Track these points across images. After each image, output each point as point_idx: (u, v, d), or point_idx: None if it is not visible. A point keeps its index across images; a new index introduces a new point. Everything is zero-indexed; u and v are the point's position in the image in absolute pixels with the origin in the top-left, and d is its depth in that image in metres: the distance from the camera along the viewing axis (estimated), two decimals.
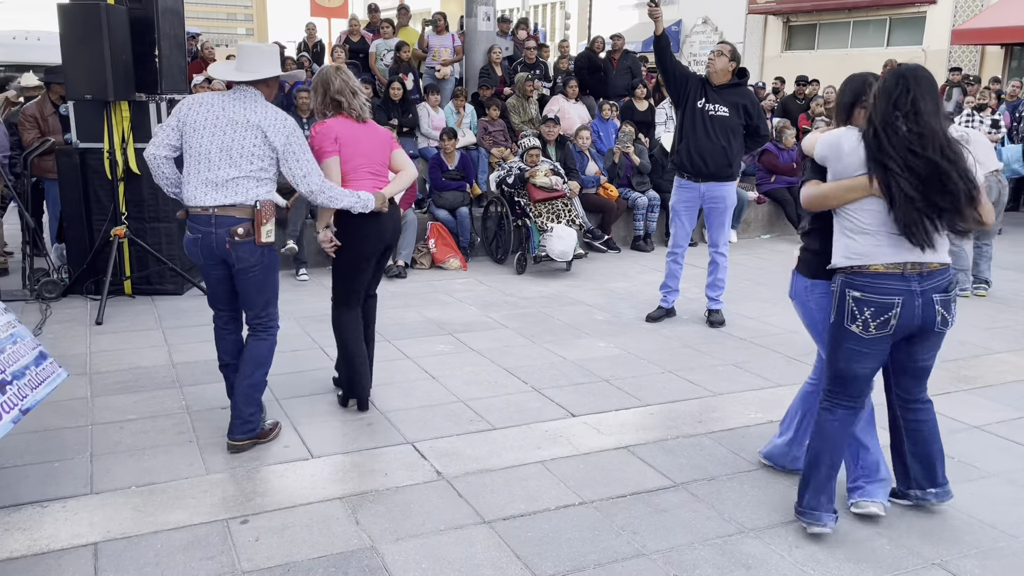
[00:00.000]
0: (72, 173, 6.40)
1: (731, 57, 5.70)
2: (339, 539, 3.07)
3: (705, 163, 5.74)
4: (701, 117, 5.70)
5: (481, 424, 4.15)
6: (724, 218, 5.93)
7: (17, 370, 3.13)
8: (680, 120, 5.88)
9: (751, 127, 5.80)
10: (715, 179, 5.78)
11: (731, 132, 5.71)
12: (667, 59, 5.77)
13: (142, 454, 3.75)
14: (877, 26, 20.85)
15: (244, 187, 3.66)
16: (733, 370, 5.03)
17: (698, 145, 5.72)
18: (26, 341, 3.30)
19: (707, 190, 5.83)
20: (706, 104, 5.70)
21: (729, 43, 5.91)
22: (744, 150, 6.00)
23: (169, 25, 6.33)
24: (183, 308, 6.21)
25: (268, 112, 3.69)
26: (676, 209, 6.03)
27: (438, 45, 10.80)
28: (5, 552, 2.93)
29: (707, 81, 5.75)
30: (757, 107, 5.85)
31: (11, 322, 3.30)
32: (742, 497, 3.43)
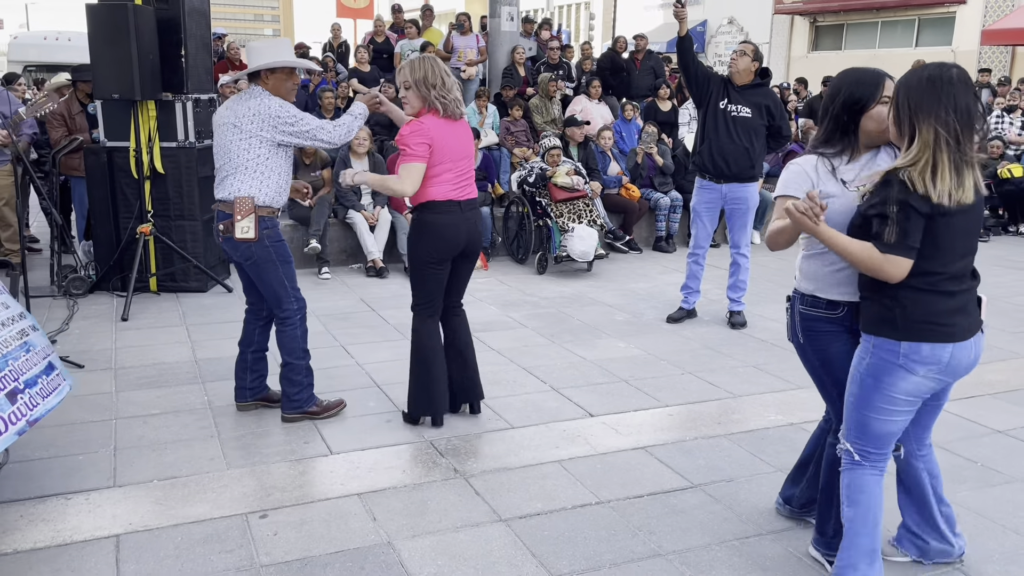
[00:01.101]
0: (99, 171, 6.49)
1: (753, 57, 5.67)
2: (356, 535, 3.09)
3: (727, 164, 5.71)
4: (723, 118, 5.67)
5: (499, 423, 4.16)
6: (746, 219, 5.90)
7: (30, 378, 3.13)
8: (702, 121, 5.85)
9: (773, 127, 5.77)
10: (737, 180, 5.75)
11: (754, 133, 5.68)
12: (690, 60, 5.75)
13: (164, 448, 3.80)
14: (906, 26, 20.63)
15: (228, 183, 3.87)
16: (753, 372, 5.00)
17: (720, 146, 5.69)
18: (37, 350, 3.28)
19: (729, 191, 5.80)
20: (728, 105, 5.67)
21: (751, 43, 5.88)
22: (766, 150, 5.96)
23: (195, 25, 6.41)
24: (207, 305, 6.28)
25: (240, 107, 3.81)
26: (697, 210, 6.00)
27: (463, 46, 10.84)
28: (29, 543, 2.98)
29: (729, 81, 5.72)
30: (780, 107, 5.82)
31: (25, 330, 3.30)
32: (760, 499, 3.40)
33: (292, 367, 4.06)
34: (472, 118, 9.22)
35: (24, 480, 3.45)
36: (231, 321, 5.86)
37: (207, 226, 6.67)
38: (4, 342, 3.09)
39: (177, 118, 6.40)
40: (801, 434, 4.05)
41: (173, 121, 6.41)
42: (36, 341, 3.33)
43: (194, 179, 6.49)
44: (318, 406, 4.15)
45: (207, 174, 6.67)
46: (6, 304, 3.30)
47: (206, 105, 6.67)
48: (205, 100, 6.65)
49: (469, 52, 10.78)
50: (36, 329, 3.41)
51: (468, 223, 3.96)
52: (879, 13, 20.74)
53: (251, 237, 3.81)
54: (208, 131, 6.74)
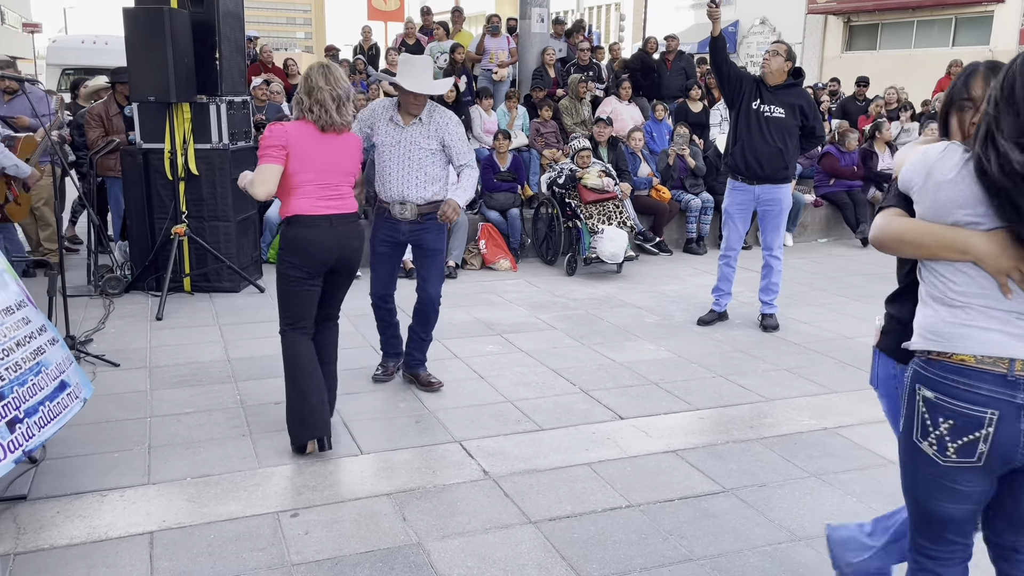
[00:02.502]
0: (135, 172, 6.59)
1: (786, 57, 5.62)
2: (386, 535, 3.10)
3: (760, 166, 5.66)
4: (756, 119, 5.62)
5: (528, 424, 4.15)
6: (779, 221, 5.84)
7: (32, 406, 3.09)
8: (734, 122, 5.80)
9: (807, 128, 5.71)
10: (771, 181, 5.69)
11: (787, 133, 5.62)
12: (722, 60, 5.72)
13: (198, 446, 3.84)
14: (942, 26, 20.30)
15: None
16: (786, 375, 4.94)
17: (753, 147, 5.64)
18: (49, 370, 3.26)
19: (762, 192, 5.74)
20: (761, 105, 5.62)
21: (784, 43, 5.82)
22: (800, 151, 5.89)
23: (229, 28, 6.48)
24: (239, 305, 6.34)
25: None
26: (729, 212, 5.96)
27: (494, 48, 10.85)
28: (65, 539, 3.03)
29: (762, 82, 5.67)
30: (813, 108, 5.75)
31: (42, 346, 3.27)
32: (793, 504, 3.36)
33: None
34: (502, 119, 9.23)
35: (60, 476, 3.50)
36: (263, 321, 5.92)
37: (240, 227, 6.75)
38: (14, 366, 3.06)
39: (211, 120, 6.48)
40: (836, 439, 4.01)
41: (207, 123, 6.48)
42: (51, 358, 3.30)
43: (227, 180, 6.56)
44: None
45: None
46: (27, 319, 3.26)
47: (239, 107, 6.74)
48: (239, 102, 6.72)
49: (500, 54, 10.78)
50: (55, 342, 3.39)
51: (340, 238, 3.76)
52: (915, 12, 20.44)
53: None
54: (242, 133, 6.82)
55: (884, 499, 3.41)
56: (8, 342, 3.09)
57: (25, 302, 3.33)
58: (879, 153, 9.71)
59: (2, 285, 3.23)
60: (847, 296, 6.85)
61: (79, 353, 4.97)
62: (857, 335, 5.78)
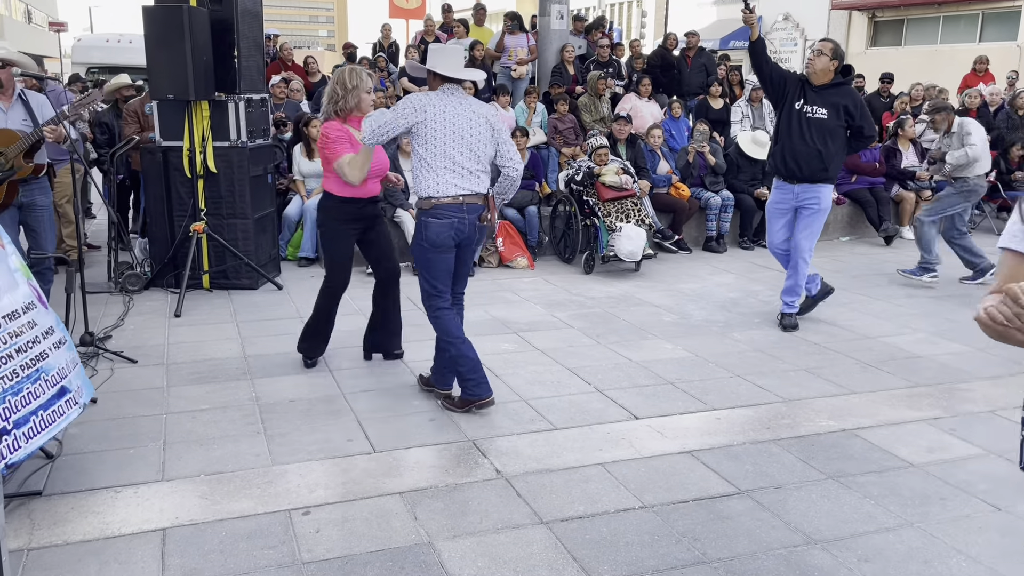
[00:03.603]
0: (155, 170, 6.63)
1: (832, 56, 5.50)
2: (397, 534, 3.09)
3: (799, 166, 5.60)
4: (797, 119, 5.55)
5: (542, 424, 4.12)
6: (812, 221, 5.73)
7: (21, 417, 3.03)
8: (776, 121, 5.77)
9: (854, 127, 5.59)
10: (809, 181, 5.62)
11: (828, 134, 5.52)
12: (763, 62, 5.65)
13: (212, 443, 3.85)
14: (968, 21, 20.00)
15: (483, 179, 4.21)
16: (805, 375, 4.87)
17: (792, 148, 5.58)
18: (49, 376, 3.22)
19: (800, 191, 5.68)
20: (804, 105, 5.54)
21: (830, 40, 5.69)
22: (847, 151, 5.78)
23: (248, 26, 6.50)
24: (257, 302, 6.37)
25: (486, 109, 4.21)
26: (771, 212, 5.93)
27: (514, 44, 10.82)
28: (79, 535, 3.05)
29: (807, 81, 5.58)
30: (860, 107, 5.61)
31: (45, 351, 3.23)
32: (810, 507, 3.31)
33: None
34: (520, 116, 9.20)
35: (76, 472, 3.53)
36: (280, 318, 5.94)
37: (258, 224, 6.77)
38: (11, 374, 3.03)
39: (230, 118, 6.51)
40: (854, 441, 3.95)
41: (226, 121, 6.51)
42: (54, 363, 3.27)
43: (246, 178, 6.59)
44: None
45: (257, 173, 6.78)
46: (33, 322, 3.23)
47: (258, 105, 6.77)
48: (257, 100, 6.74)
49: (519, 51, 10.75)
50: (61, 344, 3.37)
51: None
52: (940, 7, 20.14)
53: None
54: (260, 131, 6.84)
55: (903, 502, 3.36)
56: (8, 349, 3.05)
57: (34, 303, 3.31)
58: (902, 150, 9.58)
59: (12, 286, 3.22)
60: (869, 296, 6.76)
61: (97, 349, 5.01)
62: (879, 335, 5.69)
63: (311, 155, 7.93)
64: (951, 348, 5.41)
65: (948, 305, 6.54)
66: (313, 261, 7.70)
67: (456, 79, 4.11)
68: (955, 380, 4.81)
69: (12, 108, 5.07)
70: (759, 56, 5.64)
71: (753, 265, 8.01)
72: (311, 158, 7.93)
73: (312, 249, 7.70)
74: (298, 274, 7.32)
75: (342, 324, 5.77)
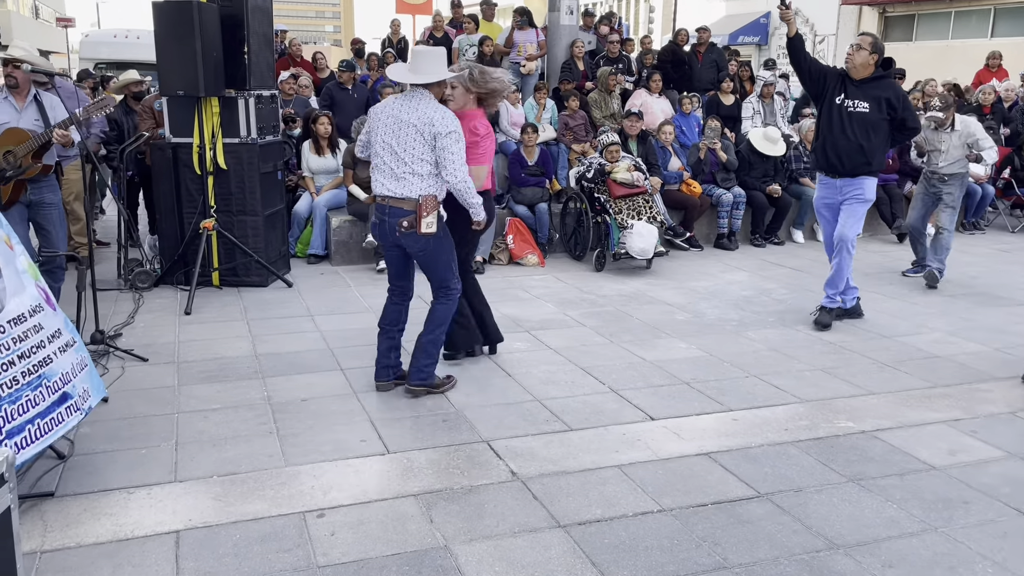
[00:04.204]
0: (165, 167, 6.60)
1: (872, 50, 5.45)
2: (413, 537, 3.05)
3: (840, 161, 5.56)
4: (838, 113, 5.51)
5: (557, 424, 4.08)
6: (855, 208, 5.67)
7: (17, 426, 2.98)
8: (818, 116, 5.73)
9: (896, 120, 5.53)
10: (851, 175, 5.59)
11: (871, 128, 5.47)
12: (801, 58, 5.60)
13: (224, 444, 3.81)
14: (980, 16, 19.85)
15: (410, 182, 4.12)
16: (821, 375, 4.82)
17: (834, 142, 5.54)
18: (52, 382, 3.18)
19: (843, 185, 5.66)
20: (845, 100, 5.49)
21: (870, 34, 5.64)
22: (890, 144, 5.73)
23: (258, 22, 6.46)
24: (267, 300, 6.33)
25: (421, 112, 4.08)
26: (818, 207, 5.93)
27: (523, 40, 10.76)
28: (92, 537, 3.01)
29: (847, 75, 5.52)
30: (902, 99, 5.54)
31: (49, 356, 3.18)
32: (831, 511, 3.26)
33: (435, 340, 4.40)
34: (530, 112, 9.14)
35: (88, 473, 3.50)
36: (290, 316, 5.91)
37: (268, 221, 6.74)
38: (11, 382, 2.98)
39: (239, 114, 6.47)
40: (874, 443, 3.89)
41: (236, 117, 6.47)
42: (57, 368, 3.22)
43: (255, 175, 6.55)
44: (438, 379, 4.46)
45: (268, 170, 6.74)
46: (39, 325, 3.18)
47: (268, 101, 6.73)
48: (267, 96, 6.71)
49: (529, 47, 10.69)
50: (68, 347, 3.32)
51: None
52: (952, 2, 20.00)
53: (434, 231, 4.14)
54: (270, 127, 6.80)
55: (926, 506, 3.30)
56: (10, 355, 3.01)
57: (42, 306, 3.26)
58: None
59: (19, 288, 3.18)
60: (883, 294, 6.69)
61: (108, 348, 4.98)
62: (895, 335, 5.63)
63: (320, 151, 7.90)
64: (968, 348, 5.35)
65: (963, 304, 6.47)
66: (322, 258, 7.67)
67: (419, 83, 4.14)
68: (974, 380, 4.75)
69: (26, 108, 5.05)
70: (798, 52, 5.58)
71: (765, 263, 7.95)
72: (320, 154, 7.90)
73: (322, 246, 7.66)
74: (308, 271, 7.29)
75: (352, 322, 5.76)
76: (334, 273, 7.27)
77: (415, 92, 4.16)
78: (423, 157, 4.08)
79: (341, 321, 5.79)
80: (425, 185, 4.12)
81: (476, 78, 4.43)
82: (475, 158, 4.38)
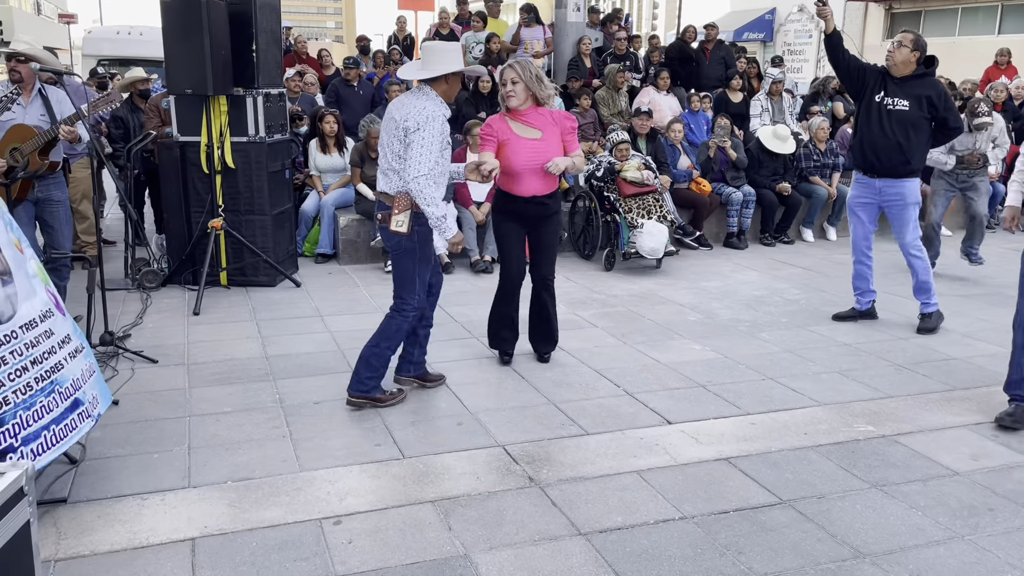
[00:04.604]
0: (172, 166, 6.55)
1: (913, 47, 5.34)
2: (432, 545, 3.00)
3: (879, 159, 5.47)
4: (877, 111, 5.42)
5: (573, 428, 4.03)
6: (904, 216, 5.58)
7: (33, 432, 2.95)
8: (856, 114, 5.64)
9: (939, 119, 5.43)
10: (891, 176, 5.50)
11: (911, 127, 5.38)
12: (839, 55, 5.50)
13: (237, 448, 3.77)
14: (987, 13, 19.75)
15: (391, 177, 4.03)
16: (838, 378, 4.77)
17: (872, 141, 5.46)
18: (64, 387, 3.14)
19: (883, 187, 5.56)
20: (885, 98, 5.41)
21: (911, 32, 5.52)
22: (932, 143, 5.64)
23: (266, 20, 6.41)
24: (276, 300, 6.29)
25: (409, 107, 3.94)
26: (851, 206, 5.80)
27: (530, 37, 10.69)
28: (106, 545, 2.97)
29: (887, 73, 5.44)
30: (944, 98, 5.43)
31: (60, 362, 3.15)
32: (855, 519, 3.21)
33: (379, 353, 4.18)
34: None
35: (101, 478, 3.45)
36: (299, 316, 5.86)
37: (276, 220, 6.69)
38: (24, 387, 2.94)
39: (248, 113, 6.41)
40: (895, 447, 3.84)
41: (244, 116, 6.42)
42: (69, 374, 3.18)
43: (264, 174, 6.50)
44: (383, 393, 4.27)
45: (276, 169, 6.69)
46: (50, 331, 3.14)
47: (276, 100, 6.67)
48: (275, 95, 6.65)
49: (536, 44, 10.63)
50: (78, 353, 3.28)
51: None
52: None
53: (404, 231, 4.00)
54: (278, 126, 6.75)
55: (951, 513, 3.25)
56: (23, 360, 2.96)
57: (52, 311, 3.21)
58: None
59: (30, 293, 3.13)
60: (895, 294, 6.64)
61: (118, 349, 4.94)
62: (910, 335, 5.58)
63: (327, 150, 7.84)
64: (985, 349, 5.30)
65: (977, 304, 6.42)
66: (330, 257, 7.62)
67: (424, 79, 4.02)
68: (992, 383, 4.69)
69: (31, 104, 4.99)
70: (836, 49, 5.48)
71: (775, 262, 7.90)
72: (327, 152, 7.84)
73: (329, 245, 7.61)
74: (316, 271, 7.24)
75: (362, 322, 5.71)
76: (342, 272, 7.22)
77: (417, 88, 4.06)
78: (399, 154, 3.96)
79: (351, 322, 5.74)
80: (402, 183, 3.99)
81: (535, 80, 4.40)
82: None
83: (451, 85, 4.09)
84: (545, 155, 4.45)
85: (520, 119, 4.48)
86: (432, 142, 3.88)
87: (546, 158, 4.44)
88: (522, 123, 4.48)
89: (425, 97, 3.97)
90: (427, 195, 3.89)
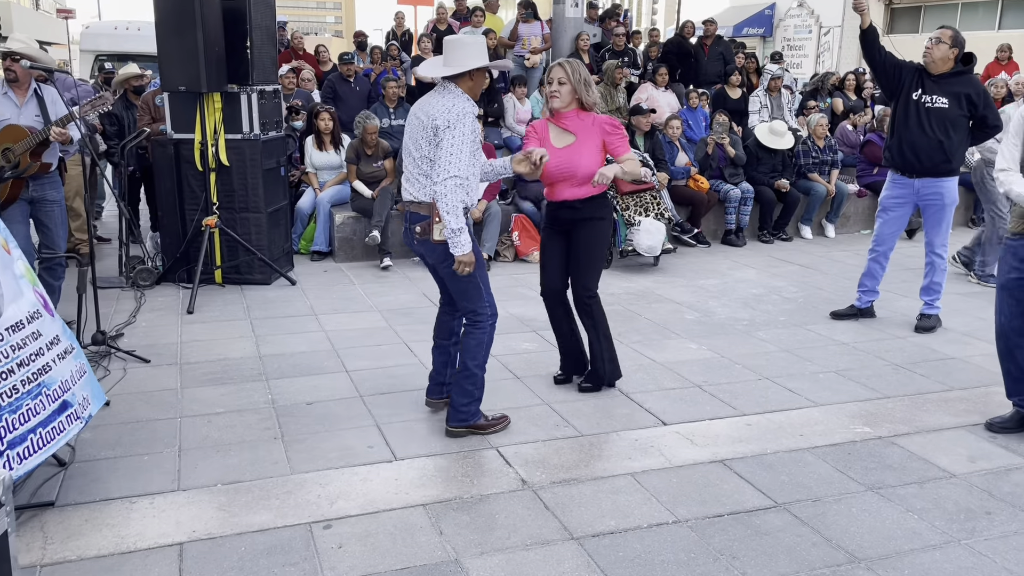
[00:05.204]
0: (166, 163, 6.51)
1: (951, 44, 5.26)
2: (423, 550, 2.97)
3: (918, 158, 5.38)
4: (915, 109, 5.33)
5: (567, 430, 4.00)
6: (941, 216, 5.51)
7: (19, 435, 2.90)
8: (893, 112, 5.55)
9: (977, 117, 5.35)
10: (931, 175, 5.41)
11: (950, 125, 5.29)
12: (875, 52, 5.40)
13: (228, 450, 3.74)
14: (988, 8, 19.68)
15: (424, 183, 3.70)
16: (835, 378, 4.73)
17: (911, 139, 5.36)
18: (52, 389, 3.10)
19: (922, 186, 5.46)
20: (923, 95, 5.32)
21: (950, 28, 5.42)
22: (970, 142, 5.55)
23: (261, 16, 6.36)
24: (271, 298, 6.25)
25: (437, 106, 3.62)
26: (884, 204, 5.69)
27: (528, 33, 10.64)
28: (94, 549, 2.93)
29: (924, 71, 5.36)
30: (983, 96, 5.35)
31: (49, 363, 3.10)
32: (851, 522, 3.18)
33: (470, 375, 3.84)
34: (535, 106, 9.04)
35: (90, 481, 3.42)
36: (294, 315, 5.83)
37: (271, 218, 6.65)
38: (10, 390, 2.90)
39: (242, 110, 6.37)
40: (892, 449, 3.81)
41: (238, 113, 6.37)
42: (57, 375, 3.13)
43: (259, 171, 6.46)
44: (485, 419, 3.95)
45: (271, 166, 6.65)
46: (37, 332, 3.09)
47: (271, 97, 6.63)
48: (270, 91, 6.61)
49: (533, 40, 10.58)
50: (67, 354, 3.24)
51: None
52: None
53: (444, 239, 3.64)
54: (273, 123, 6.71)
55: (948, 517, 3.22)
56: (9, 363, 2.92)
57: (40, 312, 3.17)
58: None
59: (17, 294, 3.09)
60: (894, 292, 6.60)
61: (110, 349, 4.90)
62: (908, 335, 5.54)
63: (322, 147, 7.80)
64: (983, 349, 5.26)
65: (976, 303, 6.38)
66: (326, 255, 7.58)
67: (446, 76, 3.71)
68: (990, 383, 4.65)
69: (27, 103, 4.96)
70: (872, 45, 5.38)
71: (773, 259, 7.86)
72: (323, 149, 7.80)
73: (325, 243, 7.58)
74: (311, 268, 7.20)
75: (356, 321, 5.68)
76: (338, 270, 7.18)
77: (440, 86, 3.73)
78: (429, 156, 3.64)
79: (345, 320, 5.71)
80: (432, 185, 3.65)
81: (583, 84, 4.13)
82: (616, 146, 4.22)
83: (476, 81, 3.75)
84: (571, 163, 4.14)
85: (560, 123, 4.22)
86: (463, 141, 3.56)
87: (574, 166, 4.14)
88: (560, 127, 4.22)
89: (451, 95, 3.65)
90: (450, 200, 3.54)
